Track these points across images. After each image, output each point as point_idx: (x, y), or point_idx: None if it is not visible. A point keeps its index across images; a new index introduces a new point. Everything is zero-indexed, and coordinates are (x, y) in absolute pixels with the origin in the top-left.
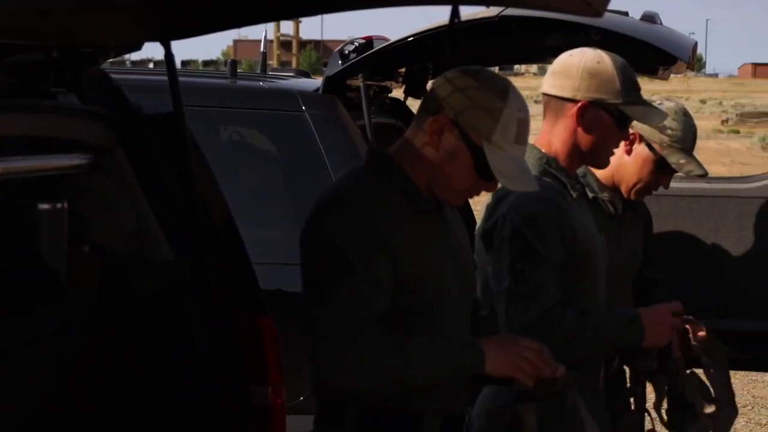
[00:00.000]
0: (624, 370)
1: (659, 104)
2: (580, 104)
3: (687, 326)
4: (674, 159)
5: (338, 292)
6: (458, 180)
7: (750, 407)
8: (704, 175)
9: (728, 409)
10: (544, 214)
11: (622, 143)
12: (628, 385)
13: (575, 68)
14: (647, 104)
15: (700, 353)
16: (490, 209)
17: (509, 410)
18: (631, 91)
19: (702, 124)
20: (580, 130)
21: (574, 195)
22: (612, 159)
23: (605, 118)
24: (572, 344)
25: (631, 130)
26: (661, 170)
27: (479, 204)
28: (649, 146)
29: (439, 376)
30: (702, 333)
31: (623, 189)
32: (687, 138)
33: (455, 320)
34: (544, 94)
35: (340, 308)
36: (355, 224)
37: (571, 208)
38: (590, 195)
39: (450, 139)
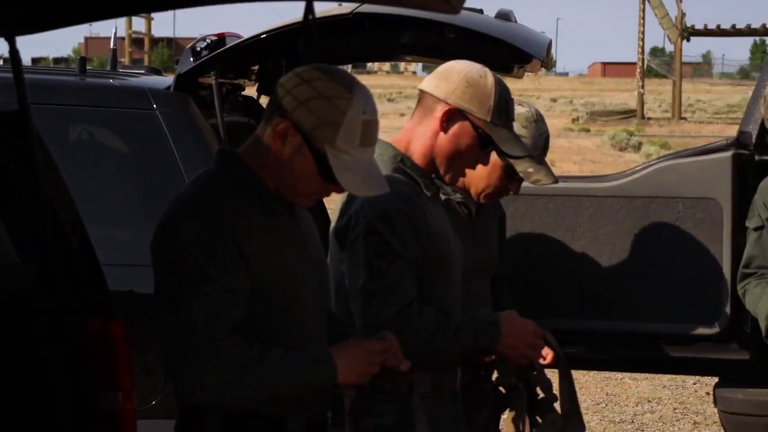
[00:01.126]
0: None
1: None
2: (448, 108)
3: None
4: (522, 167)
5: (193, 303)
6: (303, 183)
7: (604, 405)
8: (555, 183)
9: (577, 424)
10: (399, 209)
11: None
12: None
13: (456, 73)
14: (513, 134)
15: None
16: (344, 206)
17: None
18: (502, 115)
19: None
20: (441, 134)
21: (429, 194)
22: None
23: (468, 131)
24: (430, 343)
25: None
26: (510, 177)
27: (332, 202)
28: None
29: (296, 391)
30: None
31: (472, 192)
32: (537, 146)
33: (313, 321)
34: (421, 90)
35: (196, 321)
36: (210, 232)
37: (425, 206)
38: (443, 197)
39: (293, 142)
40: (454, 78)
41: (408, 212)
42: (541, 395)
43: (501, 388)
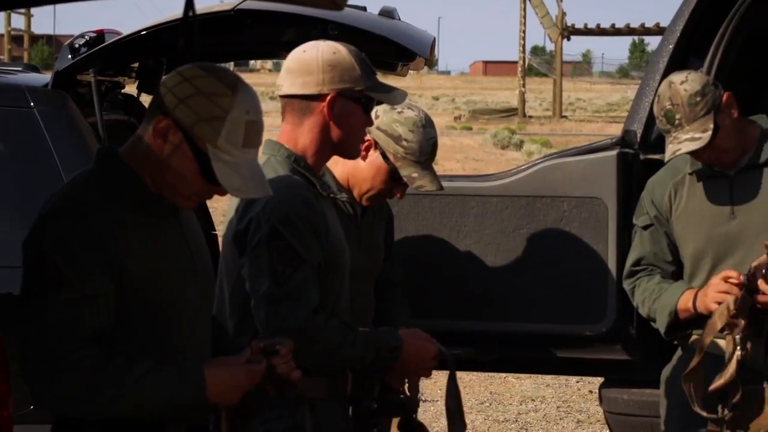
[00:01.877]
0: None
1: (399, 112)
2: (328, 98)
3: None
4: (406, 172)
5: (49, 310)
6: (184, 185)
7: (488, 404)
8: (439, 189)
9: (458, 424)
10: (300, 213)
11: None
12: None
13: (314, 63)
14: (387, 86)
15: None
16: (242, 210)
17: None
18: (371, 75)
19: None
20: (331, 124)
21: (324, 194)
22: (348, 162)
23: (353, 108)
24: (337, 355)
25: (367, 136)
26: (395, 181)
27: (216, 201)
28: (384, 155)
29: (162, 407)
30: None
31: (356, 193)
32: (424, 151)
33: (194, 330)
34: (285, 96)
35: (50, 329)
36: (75, 235)
37: (322, 207)
38: (329, 196)
39: (174, 141)
40: (315, 67)
41: (310, 216)
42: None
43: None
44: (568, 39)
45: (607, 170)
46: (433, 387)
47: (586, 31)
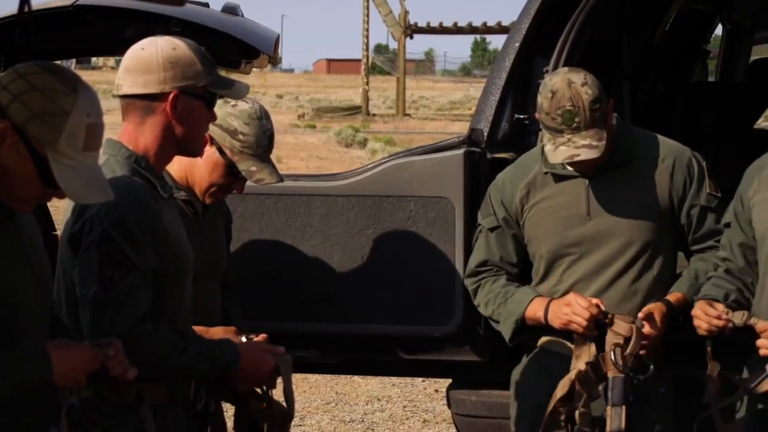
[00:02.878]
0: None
1: (233, 105)
2: (171, 96)
3: None
4: (245, 166)
5: None
6: (23, 188)
7: (334, 404)
8: (279, 181)
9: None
10: (137, 216)
11: None
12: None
13: (155, 60)
14: (229, 80)
15: None
16: (78, 211)
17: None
18: (212, 69)
19: (279, 119)
20: (174, 122)
21: (165, 196)
22: (184, 159)
23: (196, 105)
24: (165, 363)
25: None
26: (233, 175)
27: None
28: (221, 150)
29: (5, 390)
30: None
31: (197, 191)
32: (261, 144)
33: (33, 331)
34: (125, 96)
35: None
36: None
37: (162, 210)
38: (171, 196)
39: (12, 144)
40: (155, 65)
41: (146, 220)
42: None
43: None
44: (411, 37)
45: (453, 169)
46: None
47: (429, 30)
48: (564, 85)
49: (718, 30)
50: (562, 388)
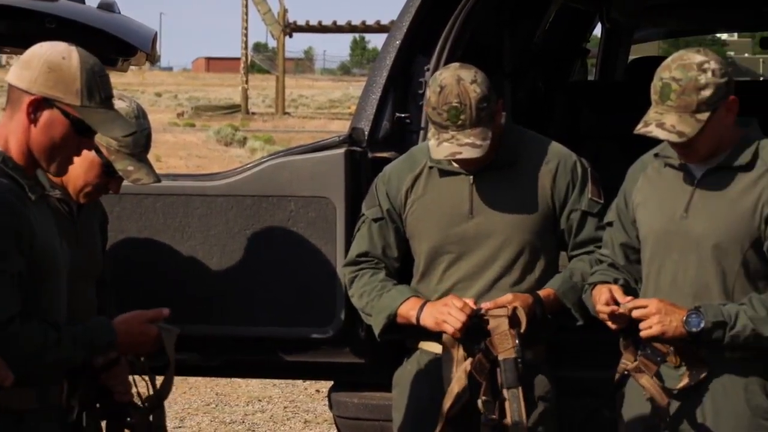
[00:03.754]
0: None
1: None
2: (32, 98)
3: None
4: (121, 165)
5: None
6: None
7: (214, 405)
8: (156, 182)
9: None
10: (0, 220)
11: None
12: None
13: (37, 59)
14: (113, 112)
15: None
16: None
17: None
18: (94, 95)
19: (158, 118)
20: (33, 127)
21: (33, 197)
22: None
23: (59, 119)
24: (40, 359)
25: None
26: (109, 175)
27: None
28: (97, 149)
29: None
30: None
31: (71, 191)
32: (138, 143)
33: None
34: (9, 84)
35: None
36: None
37: (30, 212)
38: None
39: None
40: (35, 65)
41: (10, 222)
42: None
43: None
44: (290, 36)
45: (334, 169)
46: None
47: (308, 28)
48: (453, 81)
49: (598, 29)
50: (458, 382)
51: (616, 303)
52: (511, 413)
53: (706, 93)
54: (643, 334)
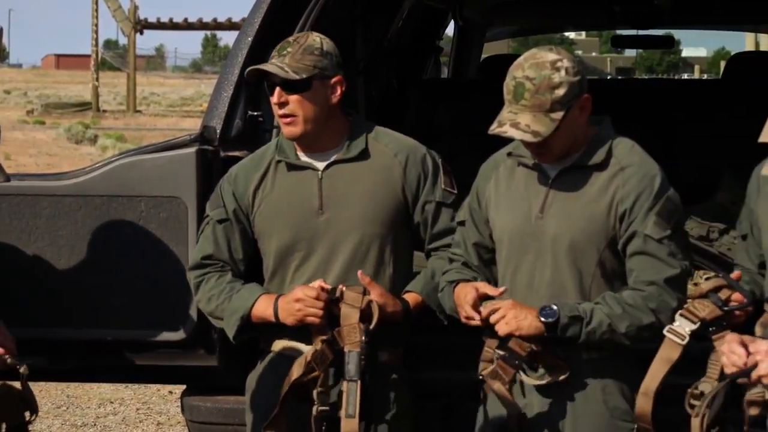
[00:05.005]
0: None
1: None
2: None
3: None
4: None
5: None
6: None
7: (65, 407)
8: (6, 181)
9: None
10: None
11: None
12: None
13: None
14: None
15: None
16: None
17: None
18: None
19: (7, 115)
20: None
21: None
22: None
23: None
24: None
25: None
26: None
27: None
28: None
29: None
30: None
31: None
32: None
33: None
34: None
35: None
36: None
37: None
38: None
39: None
40: None
41: None
42: None
43: None
44: (141, 33)
45: (185, 168)
46: None
47: (159, 25)
48: (303, 34)
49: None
50: (298, 368)
51: (489, 297)
52: (346, 406)
53: (560, 92)
54: (499, 330)
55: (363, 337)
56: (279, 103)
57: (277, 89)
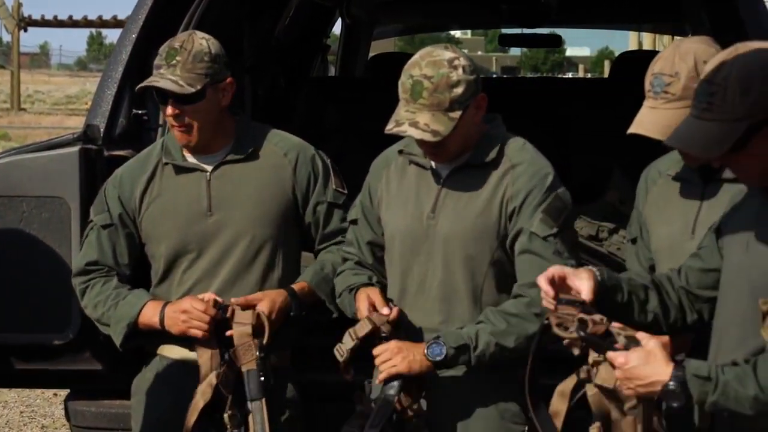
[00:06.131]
0: None
1: None
2: None
3: None
4: None
5: None
6: None
7: None
8: None
9: None
10: None
11: None
12: None
13: None
14: None
15: None
16: None
17: None
18: None
19: None
20: None
21: None
22: None
23: None
24: None
25: None
26: None
27: None
28: None
29: None
30: None
31: None
32: None
33: None
34: None
35: None
36: None
37: None
38: None
39: None
40: None
41: None
42: None
43: None
44: (25, 30)
45: (68, 168)
46: None
47: (44, 23)
48: (186, 33)
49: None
50: (203, 396)
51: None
52: (254, 426)
53: (459, 90)
54: (389, 373)
55: (258, 353)
56: (174, 116)
57: (171, 102)
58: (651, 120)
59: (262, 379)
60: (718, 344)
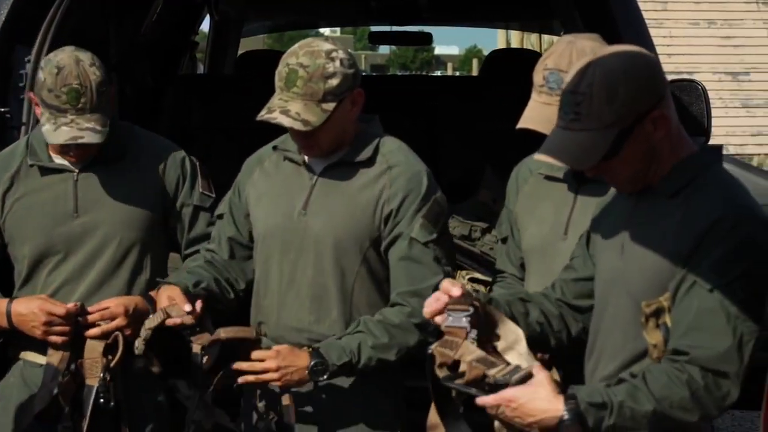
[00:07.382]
0: None
1: None
2: None
3: None
4: None
5: None
6: None
7: None
8: None
9: None
10: None
11: None
12: None
13: None
14: None
15: None
16: None
17: None
18: None
19: None
20: None
21: None
22: None
23: None
24: None
25: None
26: None
27: None
28: None
29: None
30: None
31: None
32: None
33: None
34: None
35: None
36: None
37: None
38: None
39: None
40: None
41: None
42: None
43: None
44: None
45: None
46: None
47: None
48: (72, 62)
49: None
50: (41, 401)
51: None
52: None
53: (334, 82)
54: (268, 381)
55: (101, 374)
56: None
57: None
58: (544, 116)
59: (102, 401)
60: (601, 349)
